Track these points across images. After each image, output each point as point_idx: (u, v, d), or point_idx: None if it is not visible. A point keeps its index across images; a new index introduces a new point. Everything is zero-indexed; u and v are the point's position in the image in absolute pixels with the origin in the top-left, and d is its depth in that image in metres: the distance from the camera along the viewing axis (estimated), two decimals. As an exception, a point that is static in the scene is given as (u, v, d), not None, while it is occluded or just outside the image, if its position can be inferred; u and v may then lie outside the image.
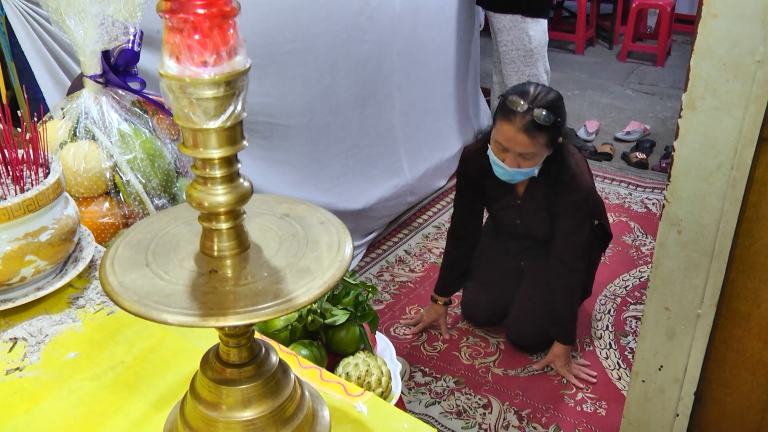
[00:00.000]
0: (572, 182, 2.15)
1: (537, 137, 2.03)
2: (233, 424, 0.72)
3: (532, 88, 2.07)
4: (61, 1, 1.35)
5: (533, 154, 2.07)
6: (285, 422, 0.74)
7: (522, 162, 2.09)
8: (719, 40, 1.02)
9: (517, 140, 2.04)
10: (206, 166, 0.63)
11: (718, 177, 1.10)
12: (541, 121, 2.00)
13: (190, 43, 0.57)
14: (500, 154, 2.11)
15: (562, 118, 2.07)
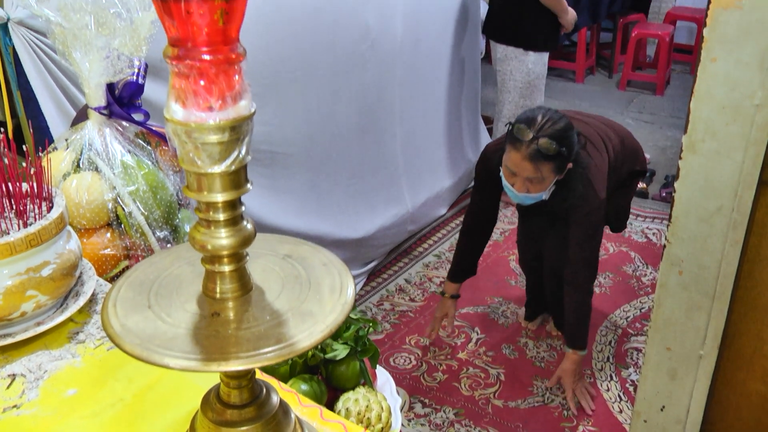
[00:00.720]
0: (582, 203, 2.18)
1: (542, 166, 2.06)
2: (233, 467, 0.72)
3: (540, 115, 2.08)
4: (68, 33, 1.36)
5: (541, 179, 2.10)
6: (285, 465, 0.74)
7: (530, 187, 2.12)
8: (718, 84, 1.02)
9: (523, 167, 2.07)
10: (210, 209, 0.63)
11: (718, 219, 1.11)
12: (546, 151, 2.02)
13: (195, 89, 0.58)
14: (510, 178, 2.15)
15: (569, 147, 2.08)
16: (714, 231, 1.12)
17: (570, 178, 2.14)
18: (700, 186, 1.10)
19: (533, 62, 3.41)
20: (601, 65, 6.19)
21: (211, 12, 0.55)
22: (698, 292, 1.18)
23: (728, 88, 1.02)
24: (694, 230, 1.13)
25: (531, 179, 2.10)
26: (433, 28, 3.24)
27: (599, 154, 2.26)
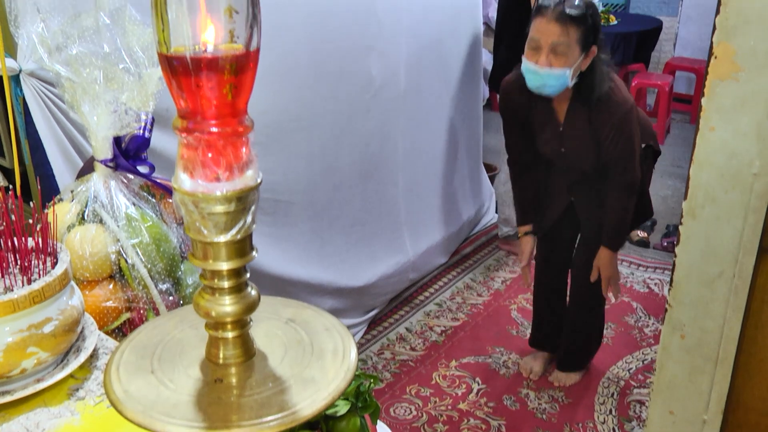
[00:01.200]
0: (611, 99, 2.16)
1: (569, 28, 2.04)
2: None
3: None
4: (77, 87, 1.39)
5: (566, 47, 2.07)
6: None
7: (554, 60, 2.09)
8: (717, 152, 1.04)
9: (549, 30, 2.06)
10: (215, 277, 0.64)
11: (720, 284, 1.11)
12: (573, 12, 2.03)
13: (203, 160, 0.59)
14: (533, 56, 2.12)
15: (595, 18, 2.07)
16: (716, 296, 1.13)
17: (595, 69, 2.13)
18: (701, 251, 1.11)
19: None
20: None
21: (220, 86, 0.56)
22: (701, 356, 1.18)
23: (727, 157, 1.03)
24: (695, 294, 1.14)
25: (556, 46, 2.07)
26: (436, 76, 3.29)
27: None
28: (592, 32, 2.09)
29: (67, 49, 1.41)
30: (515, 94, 2.30)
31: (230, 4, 0.54)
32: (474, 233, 3.95)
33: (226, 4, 0.54)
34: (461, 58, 3.50)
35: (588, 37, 2.08)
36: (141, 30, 1.35)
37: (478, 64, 3.77)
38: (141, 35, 1.35)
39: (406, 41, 2.97)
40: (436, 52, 3.24)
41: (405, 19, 2.93)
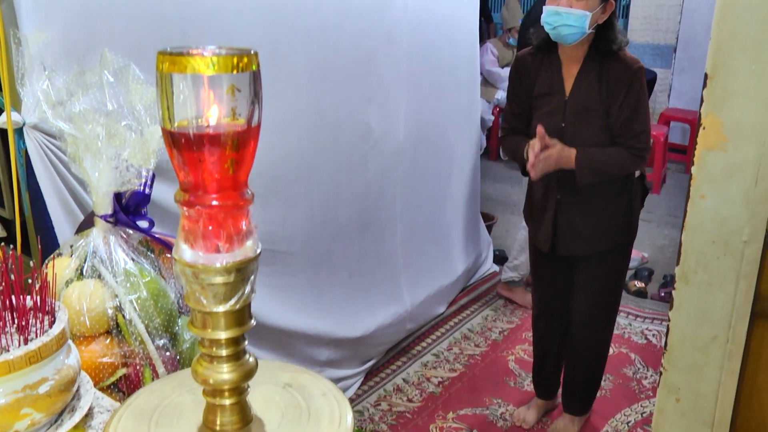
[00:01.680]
0: (622, 58, 2.21)
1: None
2: None
3: None
4: (80, 143, 1.40)
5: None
6: None
7: (575, 2, 2.14)
8: (708, 220, 1.06)
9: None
10: (213, 345, 0.64)
11: (714, 349, 1.12)
12: None
13: (204, 232, 0.60)
14: (555, 2, 2.18)
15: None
16: (710, 360, 1.13)
17: (613, 24, 2.20)
18: (695, 316, 1.12)
19: None
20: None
21: (222, 161, 0.58)
22: (697, 420, 1.18)
23: (717, 224, 1.05)
24: (690, 359, 1.14)
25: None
26: (434, 127, 3.33)
27: None
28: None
29: (70, 106, 1.44)
30: (527, 57, 2.36)
31: (233, 82, 0.56)
32: (471, 283, 3.94)
33: (228, 82, 0.56)
34: (459, 108, 3.55)
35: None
36: (144, 88, 1.37)
37: (475, 114, 3.82)
38: (144, 94, 1.37)
39: (405, 93, 3.01)
40: (434, 104, 3.28)
41: (404, 71, 2.98)
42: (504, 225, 4.84)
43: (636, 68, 2.21)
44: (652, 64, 6.45)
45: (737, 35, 0.98)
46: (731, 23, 1.00)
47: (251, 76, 0.57)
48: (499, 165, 6.34)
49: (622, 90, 2.21)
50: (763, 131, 0.97)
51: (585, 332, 2.52)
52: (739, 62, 0.98)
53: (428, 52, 3.14)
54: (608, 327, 2.55)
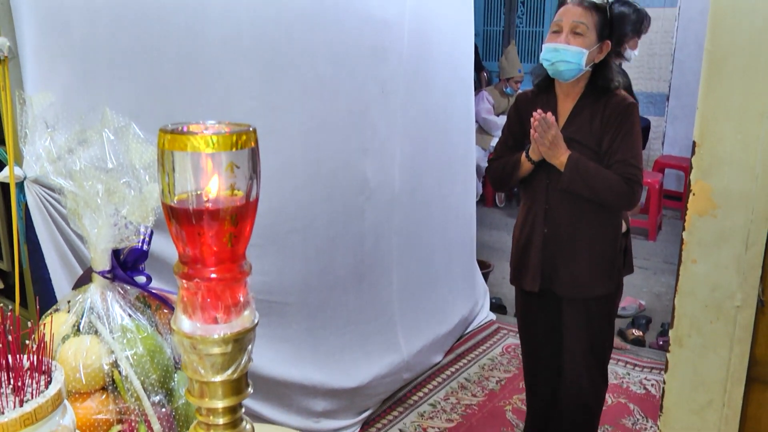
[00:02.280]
0: (616, 94, 2.27)
1: (590, 13, 2.23)
2: None
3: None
4: (79, 199, 1.42)
5: (585, 28, 2.22)
6: None
7: (572, 40, 2.21)
8: (700, 284, 1.08)
9: (572, 11, 2.24)
10: (210, 414, 0.65)
11: (710, 413, 1.12)
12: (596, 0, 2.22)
13: (202, 304, 0.61)
14: (554, 38, 2.25)
15: (612, 15, 2.25)
16: (706, 425, 1.13)
17: (609, 63, 2.28)
18: (690, 379, 1.12)
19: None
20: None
21: (221, 235, 0.59)
22: (696, 483, 1.18)
23: (709, 289, 1.07)
24: (686, 422, 1.14)
25: (576, 26, 2.21)
26: (430, 176, 3.36)
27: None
28: (609, 26, 2.25)
29: (71, 163, 1.46)
30: (529, 95, 2.45)
31: (232, 160, 0.58)
32: (468, 331, 3.93)
33: (228, 160, 0.58)
34: (454, 157, 3.59)
35: (605, 28, 2.25)
36: (144, 147, 1.40)
37: (470, 162, 3.86)
38: (144, 153, 1.39)
39: (400, 143, 3.05)
40: (429, 153, 3.32)
41: (399, 122, 3.03)
42: (501, 272, 4.84)
43: (628, 103, 2.27)
44: (645, 112, 6.55)
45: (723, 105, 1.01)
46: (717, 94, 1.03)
47: (250, 153, 0.59)
48: (495, 212, 6.37)
49: (614, 124, 2.26)
50: (751, 198, 0.99)
51: (576, 384, 2.50)
52: (726, 131, 1.00)
53: (423, 102, 3.19)
54: (600, 378, 2.52)
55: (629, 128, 2.25)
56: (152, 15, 2.02)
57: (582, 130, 2.30)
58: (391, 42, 2.89)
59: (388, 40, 2.88)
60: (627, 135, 2.25)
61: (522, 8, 7.86)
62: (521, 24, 7.89)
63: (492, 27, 8.14)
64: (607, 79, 2.28)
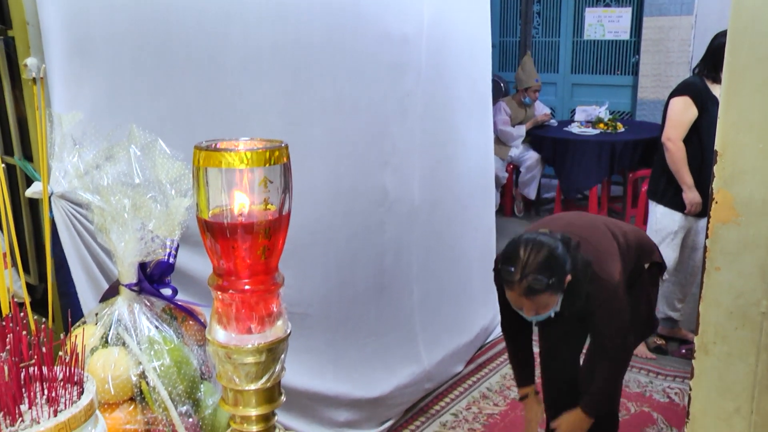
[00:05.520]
0: (594, 283, 2.20)
1: (539, 297, 2.11)
2: None
3: (522, 249, 2.12)
4: (107, 214, 1.45)
5: (544, 305, 2.15)
6: None
7: (539, 309, 2.16)
8: (724, 292, 1.08)
9: (522, 302, 2.15)
10: (244, 422, 0.67)
11: (738, 420, 1.12)
12: (538, 285, 2.08)
13: (237, 315, 0.63)
14: (516, 306, 2.20)
15: (559, 272, 2.10)
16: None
17: (574, 284, 2.17)
18: (716, 386, 1.12)
19: (662, 214, 3.62)
20: (613, 218, 6.30)
21: (255, 249, 0.61)
22: (723, 491, 1.17)
23: (734, 296, 1.07)
24: (713, 429, 1.14)
25: (536, 308, 2.15)
26: (449, 188, 3.37)
27: (602, 240, 2.31)
28: (561, 278, 2.13)
29: (98, 178, 1.49)
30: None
31: (266, 175, 0.60)
32: (489, 341, 3.93)
33: (261, 175, 0.60)
34: (473, 168, 3.60)
35: (560, 285, 2.13)
36: (170, 163, 1.43)
37: (489, 173, 3.87)
38: (170, 168, 1.42)
39: (419, 156, 3.07)
40: (448, 166, 3.34)
41: (418, 135, 3.04)
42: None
43: (611, 291, 2.22)
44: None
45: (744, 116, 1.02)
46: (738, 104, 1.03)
47: (282, 168, 0.61)
48: (514, 222, 6.36)
49: (599, 309, 2.25)
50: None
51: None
52: (747, 141, 1.01)
53: (442, 116, 3.21)
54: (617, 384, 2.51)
55: (616, 311, 2.25)
56: (175, 39, 2.06)
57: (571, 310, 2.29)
58: (409, 58, 2.92)
59: (407, 56, 2.90)
60: (615, 318, 2.25)
61: (538, 18, 7.88)
62: (537, 34, 7.90)
63: (508, 38, 8.16)
64: (574, 302, 2.23)
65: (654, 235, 3.68)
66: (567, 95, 7.75)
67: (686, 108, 3.43)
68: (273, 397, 0.65)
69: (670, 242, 3.63)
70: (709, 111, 3.36)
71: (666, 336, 3.95)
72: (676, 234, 3.62)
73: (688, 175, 3.46)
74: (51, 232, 1.98)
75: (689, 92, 3.44)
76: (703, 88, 3.43)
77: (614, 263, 2.24)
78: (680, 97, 3.46)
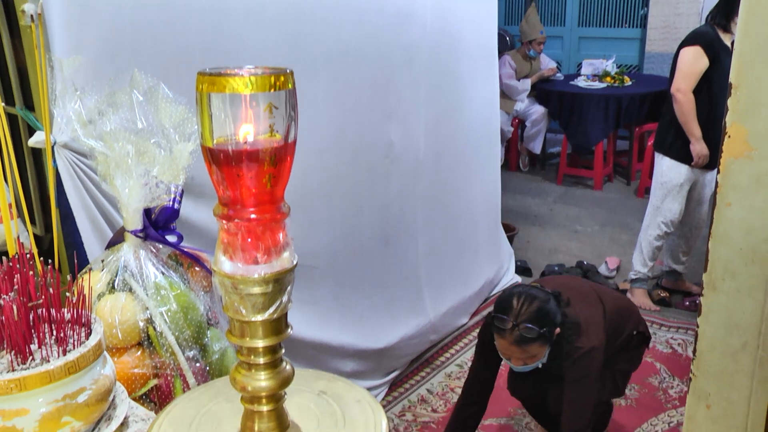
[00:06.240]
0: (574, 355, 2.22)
1: (529, 347, 2.15)
2: None
3: (515, 299, 2.17)
4: (110, 161, 1.44)
5: (532, 356, 2.18)
6: None
7: (527, 360, 2.20)
8: (734, 228, 1.07)
9: (512, 351, 2.17)
10: (251, 353, 0.67)
11: (744, 356, 1.12)
12: (529, 335, 2.12)
13: (243, 245, 0.62)
14: (505, 356, 2.24)
15: (550, 322, 2.16)
16: (740, 367, 1.13)
17: (561, 338, 2.21)
18: (724, 323, 1.12)
19: (668, 167, 3.59)
20: (619, 173, 6.28)
21: (260, 176, 0.60)
22: (729, 426, 1.18)
23: (744, 232, 1.06)
24: (719, 365, 1.14)
25: (525, 359, 2.19)
26: (454, 141, 3.35)
27: (589, 306, 2.34)
28: (551, 330, 2.16)
29: (101, 125, 1.48)
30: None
31: (270, 101, 0.59)
32: (494, 294, 3.95)
33: (266, 101, 0.59)
34: (478, 121, 3.57)
35: (549, 336, 2.16)
36: (173, 107, 1.41)
37: (495, 127, 3.84)
38: (173, 112, 1.41)
39: (424, 108, 3.04)
40: (453, 118, 3.31)
41: (423, 86, 3.01)
42: (525, 236, 4.84)
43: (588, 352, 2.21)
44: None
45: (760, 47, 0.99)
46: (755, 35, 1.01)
47: (287, 94, 0.60)
48: (519, 177, 6.34)
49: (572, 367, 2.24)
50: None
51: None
52: (763, 73, 0.99)
53: (447, 68, 3.17)
54: None
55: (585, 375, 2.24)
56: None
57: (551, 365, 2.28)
58: (414, 8, 2.87)
59: (412, 6, 2.85)
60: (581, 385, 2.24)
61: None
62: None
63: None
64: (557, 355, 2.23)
65: (659, 189, 3.66)
66: (573, 49, 7.64)
67: (697, 58, 3.37)
68: (280, 329, 0.65)
69: (675, 195, 3.62)
70: (721, 61, 3.31)
71: (670, 289, 3.97)
72: (681, 186, 3.60)
73: (696, 126, 3.42)
74: (55, 183, 1.98)
75: (700, 42, 3.38)
76: (715, 37, 3.37)
77: (597, 330, 2.27)
78: (691, 47, 3.40)
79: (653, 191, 3.73)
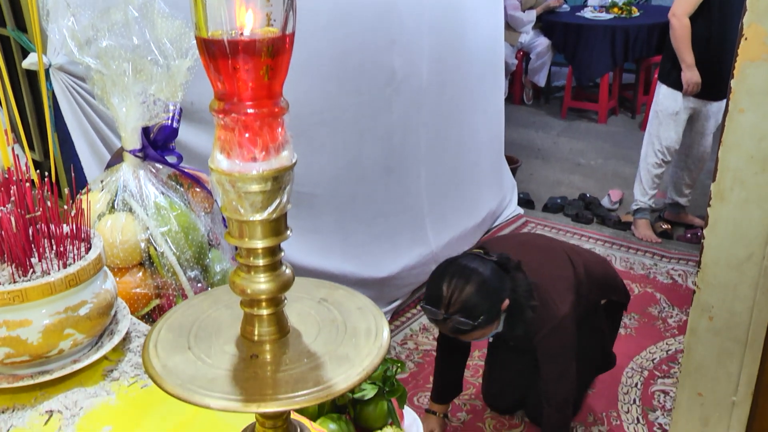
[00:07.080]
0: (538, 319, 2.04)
1: (471, 332, 1.98)
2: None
3: (445, 286, 1.95)
4: (107, 80, 1.41)
5: (481, 336, 2.03)
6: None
7: (478, 338, 2.06)
8: (746, 135, 1.04)
9: (456, 338, 2.05)
10: (250, 255, 0.65)
11: (749, 267, 1.11)
12: (464, 327, 1.94)
13: (240, 141, 0.60)
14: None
15: (488, 307, 1.95)
16: (745, 278, 1.12)
17: (515, 307, 2.01)
18: (730, 233, 1.11)
19: (664, 95, 3.56)
20: (624, 106, 6.21)
21: (257, 68, 0.58)
22: (730, 338, 1.18)
23: (756, 139, 1.03)
24: (724, 277, 1.13)
25: (471, 338, 2.06)
26: (458, 70, 3.29)
27: (554, 265, 2.15)
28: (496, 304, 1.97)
29: (96, 43, 1.44)
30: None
31: (267, -13, 0.56)
32: (496, 225, 3.95)
33: (263, -14, 0.56)
34: (482, 52, 3.50)
35: (492, 315, 1.97)
36: (169, 23, 1.37)
37: (499, 58, 3.77)
38: (169, 28, 1.37)
39: (428, 36, 2.97)
40: (457, 47, 3.24)
41: (426, 14, 2.94)
42: (528, 168, 4.82)
43: (557, 322, 2.04)
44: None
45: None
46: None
47: (285, -19, 0.57)
48: (523, 110, 6.27)
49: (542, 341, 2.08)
50: (809, 42, 0.93)
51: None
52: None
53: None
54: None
55: (560, 347, 2.08)
56: None
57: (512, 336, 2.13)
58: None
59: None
60: (560, 355, 2.08)
61: None
62: None
63: None
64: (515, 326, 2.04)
65: (654, 116, 3.62)
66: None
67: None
68: (279, 229, 0.64)
69: (670, 123, 3.57)
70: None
71: (672, 221, 3.96)
72: (677, 115, 3.55)
73: (688, 53, 3.34)
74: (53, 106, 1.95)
75: None
76: None
77: (565, 292, 2.07)
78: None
79: (650, 119, 3.72)
